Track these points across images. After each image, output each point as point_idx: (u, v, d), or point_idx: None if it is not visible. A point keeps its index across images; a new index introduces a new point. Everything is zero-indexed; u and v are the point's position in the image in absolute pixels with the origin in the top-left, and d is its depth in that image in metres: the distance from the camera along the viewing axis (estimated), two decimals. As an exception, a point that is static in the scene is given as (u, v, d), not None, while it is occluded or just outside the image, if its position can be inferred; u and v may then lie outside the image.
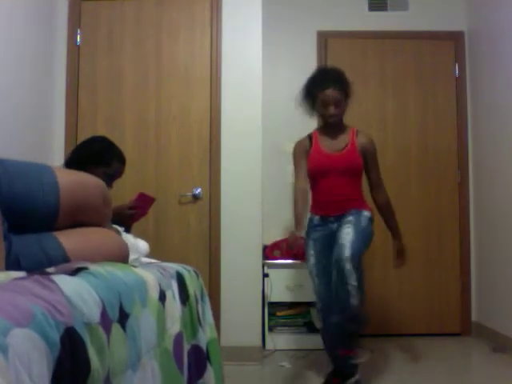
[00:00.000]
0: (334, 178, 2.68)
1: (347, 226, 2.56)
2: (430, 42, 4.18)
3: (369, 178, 2.78)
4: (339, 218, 2.66)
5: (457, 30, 4.19)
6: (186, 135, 3.33)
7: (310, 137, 2.83)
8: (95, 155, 2.30)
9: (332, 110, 2.68)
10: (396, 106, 4.15)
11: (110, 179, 2.28)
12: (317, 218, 2.75)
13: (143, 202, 2.51)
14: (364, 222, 2.62)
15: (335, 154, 2.71)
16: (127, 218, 2.45)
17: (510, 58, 3.47)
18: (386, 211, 2.79)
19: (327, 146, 2.75)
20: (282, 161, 4.14)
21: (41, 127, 3.17)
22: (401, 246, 2.80)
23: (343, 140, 2.74)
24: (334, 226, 2.67)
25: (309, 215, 2.78)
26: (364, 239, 2.56)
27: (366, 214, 2.67)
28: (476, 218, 4.04)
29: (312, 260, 2.72)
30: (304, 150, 2.79)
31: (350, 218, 2.61)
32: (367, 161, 2.73)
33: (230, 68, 3.34)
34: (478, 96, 4.01)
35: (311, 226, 2.77)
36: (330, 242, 2.62)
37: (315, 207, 2.78)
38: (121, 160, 2.40)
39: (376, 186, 2.77)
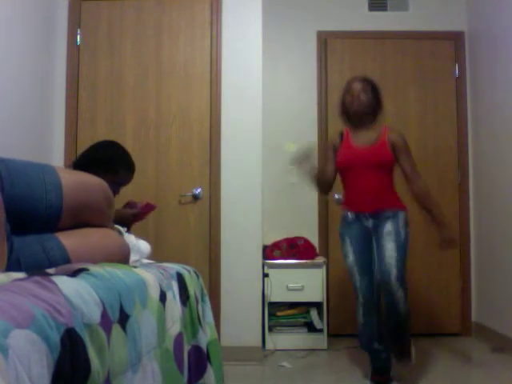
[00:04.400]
0: (363, 173, 2.74)
1: (388, 239, 2.66)
2: (430, 41, 4.18)
3: (403, 172, 2.79)
4: (375, 217, 2.72)
5: (457, 29, 4.19)
6: (186, 135, 3.33)
7: (341, 133, 2.90)
8: (104, 162, 2.26)
9: (358, 93, 2.76)
10: (396, 106, 4.15)
11: (116, 186, 2.26)
12: (351, 215, 2.79)
13: (147, 209, 2.52)
14: (402, 230, 2.70)
15: (364, 147, 2.76)
16: (127, 222, 2.44)
17: (510, 58, 3.47)
18: (421, 201, 2.77)
19: (357, 140, 2.81)
20: (283, 160, 4.14)
21: (41, 127, 3.17)
22: (446, 234, 2.72)
23: (373, 136, 2.78)
24: (369, 223, 2.74)
25: (342, 212, 2.85)
26: (405, 252, 2.71)
27: (402, 216, 2.73)
28: (476, 218, 4.04)
29: (351, 257, 2.77)
30: (332, 146, 2.89)
31: (389, 226, 2.68)
32: (398, 156, 2.75)
33: (230, 68, 3.34)
34: (478, 96, 4.01)
35: (346, 223, 2.80)
36: (367, 239, 2.76)
37: (348, 203, 2.82)
38: (130, 169, 2.39)
39: (410, 178, 2.77)
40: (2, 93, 2.67)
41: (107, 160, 2.29)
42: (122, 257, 1.46)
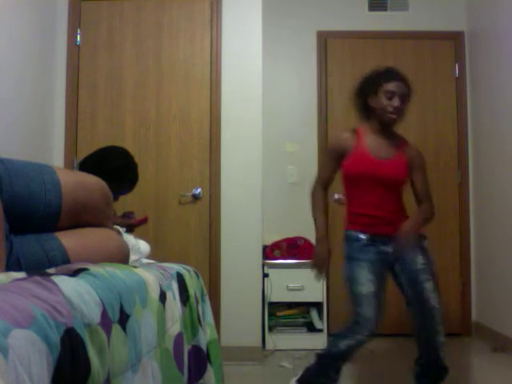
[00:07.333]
0: (380, 189, 2.31)
1: (423, 267, 2.30)
2: (430, 41, 4.18)
3: (415, 191, 2.43)
4: (393, 241, 2.29)
5: (457, 30, 4.19)
6: (186, 135, 3.33)
7: (354, 132, 2.37)
8: (111, 173, 2.22)
9: (397, 101, 2.28)
10: (396, 106, 4.15)
11: (116, 195, 2.25)
12: (364, 237, 2.32)
13: (142, 222, 2.53)
14: (430, 255, 2.37)
15: (383, 160, 2.33)
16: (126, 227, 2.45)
17: (510, 57, 3.47)
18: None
19: (375, 148, 2.33)
20: (283, 160, 4.14)
21: (41, 127, 3.17)
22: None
23: (393, 147, 2.37)
24: (387, 249, 2.31)
25: (350, 232, 2.37)
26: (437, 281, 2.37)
27: (425, 240, 2.37)
28: (476, 217, 4.04)
29: (371, 287, 2.24)
30: (342, 151, 2.35)
31: (420, 253, 2.31)
32: (413, 173, 2.40)
33: (230, 68, 3.34)
34: (478, 96, 4.01)
35: (360, 246, 2.32)
36: (383, 267, 2.32)
37: (359, 223, 2.35)
38: (134, 182, 2.39)
39: (421, 200, 2.42)
40: (2, 93, 2.67)
41: (115, 171, 2.28)
42: (121, 257, 1.46)
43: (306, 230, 3.99)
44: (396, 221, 2.34)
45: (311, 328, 3.65)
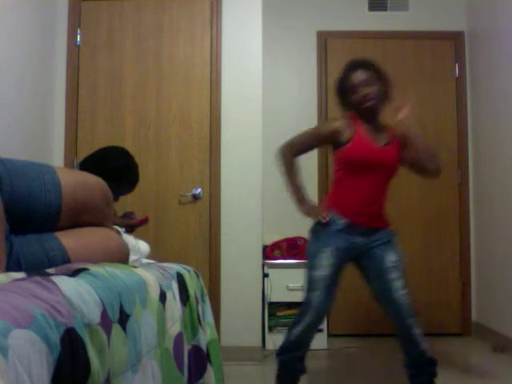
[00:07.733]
0: (375, 178, 2.30)
1: (394, 265, 2.29)
2: (430, 41, 4.18)
3: (413, 159, 2.36)
4: (369, 235, 2.32)
5: (457, 30, 4.20)
6: (186, 135, 3.33)
7: (349, 119, 2.33)
8: (112, 173, 2.21)
9: (364, 90, 2.28)
10: (396, 106, 4.15)
11: (116, 195, 2.25)
12: (342, 222, 2.29)
13: (142, 222, 2.53)
14: (399, 250, 2.34)
15: (382, 147, 2.32)
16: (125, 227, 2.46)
17: (510, 57, 3.47)
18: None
19: (372, 136, 2.32)
20: (282, 161, 4.13)
21: (41, 127, 3.17)
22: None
23: (385, 134, 2.35)
24: (362, 241, 2.31)
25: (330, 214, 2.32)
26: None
27: (395, 236, 2.38)
28: (476, 217, 4.04)
29: (325, 271, 2.26)
30: (335, 136, 2.30)
31: (391, 251, 2.31)
32: (406, 148, 2.36)
33: (230, 68, 3.34)
34: (478, 96, 4.01)
35: (334, 230, 2.29)
36: (348, 256, 2.33)
37: (340, 209, 2.31)
38: (134, 182, 2.39)
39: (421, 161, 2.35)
40: (2, 93, 2.67)
41: (115, 171, 2.28)
42: (122, 256, 1.46)
43: (306, 230, 3.99)
44: (378, 217, 2.36)
45: (311, 328, 3.65)
